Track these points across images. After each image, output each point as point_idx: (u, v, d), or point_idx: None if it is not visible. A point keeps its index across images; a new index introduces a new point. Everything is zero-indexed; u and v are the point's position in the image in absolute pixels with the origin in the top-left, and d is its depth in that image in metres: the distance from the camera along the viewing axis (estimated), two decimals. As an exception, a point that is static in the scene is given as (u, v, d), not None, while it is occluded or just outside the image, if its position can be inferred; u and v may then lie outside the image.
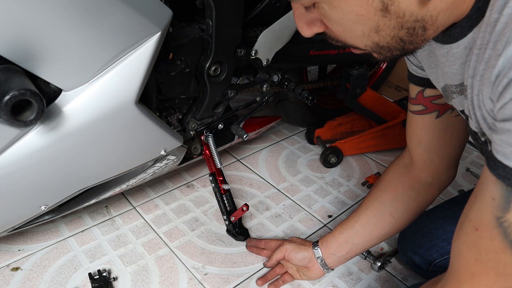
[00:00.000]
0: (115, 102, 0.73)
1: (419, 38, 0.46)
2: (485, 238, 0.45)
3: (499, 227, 0.43)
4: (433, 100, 0.72)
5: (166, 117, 0.94)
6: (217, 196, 1.03)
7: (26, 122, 0.60)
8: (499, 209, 0.43)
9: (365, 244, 0.86)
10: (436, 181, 0.82)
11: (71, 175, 0.79)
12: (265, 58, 0.98)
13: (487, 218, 0.45)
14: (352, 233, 0.85)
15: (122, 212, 1.12)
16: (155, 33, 0.71)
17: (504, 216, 0.43)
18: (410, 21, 0.43)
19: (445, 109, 0.72)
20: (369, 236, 0.85)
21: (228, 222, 1.05)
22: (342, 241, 0.86)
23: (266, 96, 1.06)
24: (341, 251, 0.86)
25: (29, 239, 1.02)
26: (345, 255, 0.87)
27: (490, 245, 0.45)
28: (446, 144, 0.77)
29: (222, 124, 1.06)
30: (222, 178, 1.02)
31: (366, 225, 0.84)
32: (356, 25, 0.45)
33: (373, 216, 0.84)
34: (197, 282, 0.94)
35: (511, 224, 0.42)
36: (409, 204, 0.83)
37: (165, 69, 0.85)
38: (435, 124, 0.74)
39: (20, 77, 0.60)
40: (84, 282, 0.92)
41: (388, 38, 0.46)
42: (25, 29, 0.58)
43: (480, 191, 0.46)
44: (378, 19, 0.43)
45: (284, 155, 1.41)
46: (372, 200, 0.85)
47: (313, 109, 1.45)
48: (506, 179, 0.41)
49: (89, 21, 0.63)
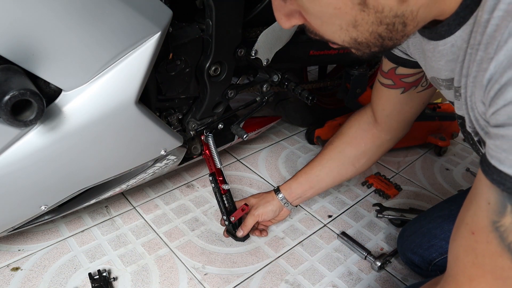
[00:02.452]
0: (115, 102, 0.73)
1: (399, 34, 0.45)
2: (482, 242, 0.45)
3: (495, 232, 0.43)
4: (402, 78, 0.78)
5: (166, 117, 0.94)
6: (217, 196, 1.03)
7: (26, 122, 0.60)
8: (495, 214, 0.43)
9: (328, 187, 1.00)
10: (393, 138, 0.93)
11: (71, 175, 0.79)
12: (265, 58, 0.98)
13: (483, 222, 0.44)
14: (317, 180, 0.97)
15: (122, 212, 1.12)
16: (155, 33, 0.71)
17: (500, 220, 0.42)
18: (390, 16, 0.42)
19: (410, 86, 0.80)
20: (332, 181, 0.98)
21: (228, 223, 1.04)
22: (307, 187, 0.98)
23: (266, 96, 1.06)
24: (306, 194, 1.00)
25: (29, 239, 1.02)
26: (309, 196, 1.02)
27: (486, 249, 0.45)
28: (405, 114, 0.87)
29: (222, 124, 1.06)
30: (222, 178, 1.02)
31: (331, 173, 0.96)
32: (333, 19, 0.44)
33: (337, 166, 0.96)
34: (197, 282, 0.94)
35: (507, 229, 0.42)
36: (370, 156, 0.95)
37: (165, 69, 0.85)
38: (399, 98, 0.83)
39: (20, 77, 0.60)
40: (84, 282, 0.92)
41: (367, 33, 0.44)
42: (25, 29, 0.58)
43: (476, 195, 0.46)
44: (356, 13, 0.42)
45: (284, 155, 1.41)
46: (336, 152, 0.95)
47: (313, 109, 1.45)
48: (501, 184, 0.41)
49: (89, 21, 0.63)
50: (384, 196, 1.24)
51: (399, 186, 1.28)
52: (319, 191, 1.01)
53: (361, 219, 1.16)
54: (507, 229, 0.42)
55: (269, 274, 0.98)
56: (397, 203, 1.22)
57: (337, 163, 0.96)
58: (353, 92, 1.30)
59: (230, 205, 1.04)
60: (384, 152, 0.96)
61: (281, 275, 0.97)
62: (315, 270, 0.99)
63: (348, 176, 0.98)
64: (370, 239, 1.09)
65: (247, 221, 1.02)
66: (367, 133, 0.93)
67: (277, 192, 1.01)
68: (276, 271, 0.98)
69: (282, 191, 1.00)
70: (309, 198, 1.03)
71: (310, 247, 1.06)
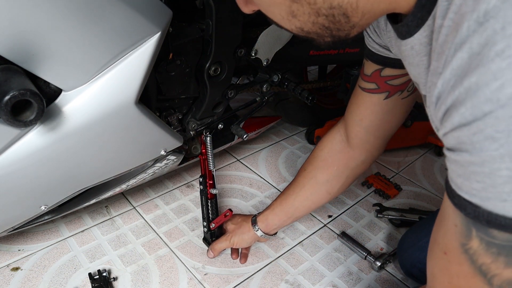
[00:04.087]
0: (115, 102, 0.73)
1: (346, 25, 0.43)
2: (454, 263, 0.44)
3: (465, 254, 0.42)
4: (388, 81, 0.71)
5: (166, 117, 0.94)
6: (202, 200, 1.00)
7: (26, 122, 0.60)
8: (462, 236, 0.42)
9: (305, 214, 0.95)
10: (368, 159, 0.85)
11: (71, 175, 0.79)
12: (265, 58, 0.98)
13: (453, 243, 0.43)
14: (293, 209, 0.93)
15: (122, 212, 1.12)
16: (155, 33, 0.71)
17: (468, 243, 0.41)
18: (325, 7, 0.40)
19: (396, 90, 0.72)
20: (308, 210, 0.93)
21: (207, 229, 1.00)
22: (285, 217, 0.94)
23: (266, 96, 1.06)
24: (283, 224, 0.96)
25: (29, 239, 1.02)
26: (288, 224, 0.99)
27: (460, 270, 0.44)
28: (385, 125, 0.78)
29: (222, 124, 1.06)
30: (212, 182, 0.99)
31: (305, 201, 0.91)
32: (272, 8, 0.43)
33: (310, 194, 0.90)
34: (197, 282, 0.94)
35: (476, 252, 0.41)
36: (343, 181, 0.88)
37: (165, 69, 0.85)
38: (382, 105, 0.74)
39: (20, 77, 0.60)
40: (84, 282, 0.92)
41: (309, 24, 0.43)
42: (25, 29, 0.58)
43: (444, 215, 0.45)
44: (290, 3, 0.41)
45: (284, 155, 1.41)
46: (308, 178, 0.89)
47: (313, 109, 1.45)
48: (462, 209, 0.39)
49: (89, 21, 0.63)
50: (384, 196, 1.24)
51: (399, 186, 1.28)
52: (297, 219, 0.96)
53: (361, 219, 1.16)
54: (476, 252, 0.41)
55: (269, 274, 0.98)
56: (397, 203, 1.22)
57: (311, 191, 0.90)
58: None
59: (214, 212, 1.00)
60: (358, 175, 0.88)
61: (281, 275, 0.97)
62: (315, 270, 0.99)
63: (323, 202, 0.92)
64: (370, 239, 1.09)
65: (219, 244, 0.98)
66: (340, 154, 0.85)
67: (254, 224, 0.95)
68: (276, 271, 0.98)
69: (259, 223, 0.95)
70: (288, 225, 1.00)
71: (310, 247, 1.06)
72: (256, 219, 0.96)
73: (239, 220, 1.00)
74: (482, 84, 0.33)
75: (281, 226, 0.97)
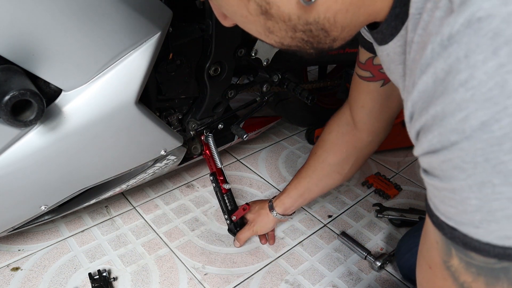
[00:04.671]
0: (115, 102, 0.73)
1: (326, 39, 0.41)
2: (439, 278, 0.44)
3: (447, 270, 0.42)
4: (380, 69, 0.70)
5: (166, 117, 0.94)
6: (218, 196, 1.03)
7: (26, 122, 0.60)
8: (444, 254, 0.41)
9: (318, 195, 0.99)
10: (375, 139, 0.87)
11: (71, 175, 0.79)
12: (265, 58, 0.98)
13: (436, 259, 0.43)
14: (307, 192, 0.96)
15: (122, 212, 1.12)
16: (155, 33, 0.71)
17: (449, 261, 0.41)
18: (301, 23, 0.39)
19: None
20: (321, 191, 0.97)
21: (229, 222, 1.04)
22: (299, 199, 0.98)
23: (266, 96, 1.06)
24: (299, 205, 1.01)
25: (29, 239, 1.02)
26: (301, 206, 1.03)
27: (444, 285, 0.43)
28: (387, 110, 0.79)
29: (222, 124, 1.06)
30: (223, 177, 1.02)
31: (318, 183, 0.94)
32: (247, 25, 0.42)
33: (323, 176, 0.93)
34: (197, 282, 0.94)
35: (457, 270, 0.41)
36: (353, 162, 0.90)
37: (165, 69, 0.85)
38: (379, 92, 0.75)
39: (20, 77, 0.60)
40: (84, 282, 0.91)
41: (288, 39, 0.41)
42: (25, 29, 0.58)
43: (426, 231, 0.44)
44: (264, 21, 0.40)
45: (284, 155, 1.41)
46: (320, 161, 0.92)
47: (313, 109, 1.45)
48: (441, 228, 0.39)
49: (89, 21, 0.63)
50: (384, 196, 1.24)
51: (399, 186, 1.28)
52: (312, 200, 1.00)
53: (361, 219, 1.16)
54: (457, 270, 0.41)
55: (269, 274, 0.98)
56: (397, 203, 1.22)
57: (323, 173, 0.92)
58: (353, 92, 1.30)
59: (232, 204, 1.04)
60: (367, 156, 0.91)
61: (281, 275, 0.97)
62: (315, 270, 0.99)
63: (336, 184, 0.95)
64: (370, 239, 1.09)
65: (243, 234, 1.02)
66: (347, 136, 0.87)
67: (272, 210, 1.00)
68: (276, 271, 0.98)
69: (276, 208, 0.99)
70: (300, 207, 1.03)
71: (310, 247, 1.06)
72: (272, 204, 1.00)
73: (257, 208, 1.04)
74: (448, 114, 0.32)
75: (297, 207, 1.01)
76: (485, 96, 0.29)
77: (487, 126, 0.30)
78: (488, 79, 0.29)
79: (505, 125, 0.29)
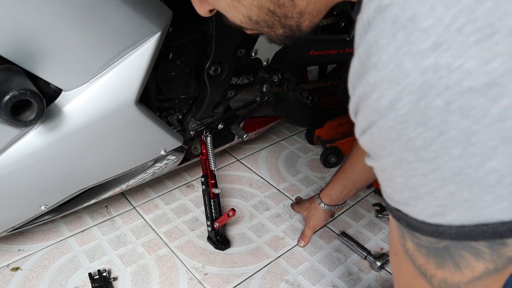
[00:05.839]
0: (115, 102, 0.73)
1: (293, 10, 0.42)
2: (403, 264, 0.44)
3: (406, 254, 0.42)
4: None
5: (166, 117, 0.94)
6: (205, 200, 1.01)
7: (26, 122, 0.60)
8: (401, 238, 0.42)
9: (364, 185, 1.00)
10: None
11: (71, 175, 0.79)
12: (265, 58, 0.98)
13: (397, 244, 0.44)
14: (352, 182, 0.98)
15: (122, 212, 1.12)
16: (155, 33, 0.71)
17: (406, 244, 0.42)
18: None
19: None
20: (366, 181, 0.98)
21: (211, 229, 1.01)
22: (345, 190, 0.99)
23: (266, 96, 1.06)
24: (346, 196, 1.01)
25: (29, 239, 1.02)
26: (349, 197, 1.02)
27: (407, 271, 0.44)
28: None
29: (222, 124, 1.06)
30: (214, 181, 1.00)
31: (362, 173, 0.95)
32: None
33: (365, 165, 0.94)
34: (197, 282, 0.94)
35: (413, 253, 0.41)
36: None
37: (165, 69, 0.85)
38: None
39: (20, 77, 0.60)
40: (84, 282, 0.91)
41: (255, 9, 0.42)
42: (25, 29, 0.58)
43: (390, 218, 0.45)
44: None
45: (284, 155, 1.41)
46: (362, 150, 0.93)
47: (313, 109, 1.45)
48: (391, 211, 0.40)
49: (89, 21, 0.63)
50: (384, 196, 1.23)
51: (399, 186, 1.28)
52: (358, 190, 1.02)
53: (361, 219, 1.16)
54: (413, 253, 0.41)
55: (269, 274, 0.98)
56: (397, 203, 1.22)
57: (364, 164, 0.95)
58: (353, 92, 1.30)
59: (217, 212, 1.01)
60: None
61: (281, 275, 0.97)
62: (315, 270, 0.99)
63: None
64: (370, 239, 1.09)
65: (305, 232, 1.07)
66: None
67: (320, 203, 1.03)
68: (276, 271, 0.98)
69: (322, 199, 1.03)
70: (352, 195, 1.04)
71: (310, 247, 1.06)
72: (320, 197, 1.04)
73: (307, 204, 1.08)
74: (367, 94, 0.34)
75: (344, 198, 1.02)
76: (389, 77, 0.31)
77: (393, 104, 0.32)
78: (390, 61, 0.31)
79: (406, 103, 0.31)
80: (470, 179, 0.32)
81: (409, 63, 0.30)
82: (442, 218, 0.35)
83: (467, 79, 0.29)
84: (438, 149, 0.31)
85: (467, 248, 0.36)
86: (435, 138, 0.31)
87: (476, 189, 0.32)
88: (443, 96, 0.30)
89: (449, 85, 0.29)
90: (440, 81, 0.29)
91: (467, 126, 0.30)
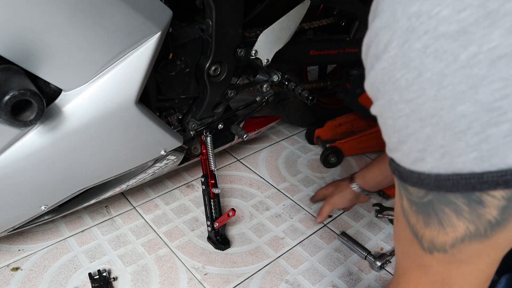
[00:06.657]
0: (115, 102, 0.73)
1: None
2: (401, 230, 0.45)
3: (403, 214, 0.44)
4: None
5: (166, 117, 0.94)
6: (205, 200, 1.01)
7: (26, 122, 0.60)
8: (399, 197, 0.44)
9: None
10: None
11: (71, 175, 0.79)
12: (265, 58, 0.98)
13: (398, 208, 0.45)
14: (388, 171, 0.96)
15: (122, 212, 1.12)
16: (155, 33, 0.71)
17: (403, 203, 0.43)
18: None
19: None
20: None
21: (210, 229, 1.01)
22: (380, 176, 0.97)
23: (266, 96, 1.06)
24: (380, 184, 0.99)
25: (29, 239, 1.02)
26: (382, 186, 1.01)
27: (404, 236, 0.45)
28: None
29: (222, 124, 1.06)
30: (214, 181, 1.00)
31: None
32: None
33: None
34: (197, 282, 0.94)
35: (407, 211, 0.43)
36: None
37: (165, 69, 0.85)
38: None
39: (20, 77, 0.60)
40: (84, 282, 0.92)
41: None
42: (25, 29, 0.58)
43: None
44: None
45: (284, 155, 1.41)
46: None
47: (313, 109, 1.45)
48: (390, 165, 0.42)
49: (89, 21, 0.63)
50: (384, 196, 1.23)
51: (399, 186, 1.28)
52: (391, 182, 0.98)
53: (361, 219, 1.16)
54: (407, 212, 0.43)
55: (269, 274, 0.98)
56: (397, 203, 1.22)
57: None
58: (353, 92, 1.30)
59: (217, 212, 1.01)
60: None
61: (281, 275, 0.97)
62: (315, 270, 0.99)
63: None
64: (370, 239, 1.09)
65: (324, 208, 1.04)
66: None
67: (352, 181, 1.01)
68: (276, 271, 0.98)
69: (356, 180, 1.01)
70: (385, 186, 1.02)
71: (310, 247, 1.06)
72: (353, 176, 1.02)
73: (336, 183, 1.07)
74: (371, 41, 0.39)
75: (378, 186, 1.00)
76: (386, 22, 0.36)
77: (387, 47, 0.36)
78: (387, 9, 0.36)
79: (395, 46, 0.35)
80: (444, 122, 0.34)
81: (400, 10, 0.35)
82: (422, 164, 0.37)
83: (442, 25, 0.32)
84: (417, 90, 0.34)
85: (448, 204, 0.38)
86: (415, 79, 0.34)
87: (448, 133, 0.34)
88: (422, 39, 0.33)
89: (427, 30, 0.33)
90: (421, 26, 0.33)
91: (440, 69, 0.33)
